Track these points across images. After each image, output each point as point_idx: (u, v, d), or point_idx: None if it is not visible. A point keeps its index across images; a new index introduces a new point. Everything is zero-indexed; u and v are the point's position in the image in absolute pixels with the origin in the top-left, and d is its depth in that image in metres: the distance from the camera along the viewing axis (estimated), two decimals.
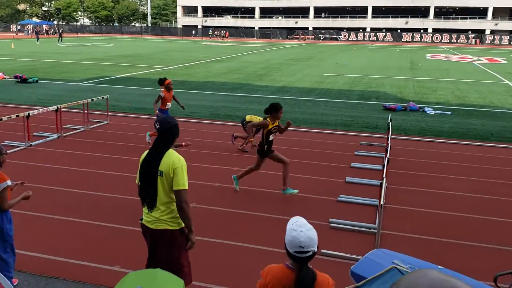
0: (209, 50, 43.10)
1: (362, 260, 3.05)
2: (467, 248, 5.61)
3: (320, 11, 79.01)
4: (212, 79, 21.59)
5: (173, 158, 3.64)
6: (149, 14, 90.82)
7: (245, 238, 5.65)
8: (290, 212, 6.00)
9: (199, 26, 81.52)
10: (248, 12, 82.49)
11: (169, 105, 9.53)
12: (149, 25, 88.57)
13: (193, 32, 77.51)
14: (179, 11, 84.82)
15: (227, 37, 72.12)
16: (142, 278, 2.38)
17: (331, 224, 6.09)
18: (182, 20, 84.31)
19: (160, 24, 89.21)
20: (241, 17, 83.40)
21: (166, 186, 3.64)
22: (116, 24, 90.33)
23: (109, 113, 12.18)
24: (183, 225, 3.74)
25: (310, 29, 77.39)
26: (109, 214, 6.26)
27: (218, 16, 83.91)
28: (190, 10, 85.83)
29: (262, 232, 5.82)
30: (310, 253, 2.52)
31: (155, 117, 9.18)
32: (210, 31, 74.78)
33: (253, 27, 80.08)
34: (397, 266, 2.76)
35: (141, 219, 3.84)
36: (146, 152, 3.82)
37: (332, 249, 5.39)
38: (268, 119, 6.93)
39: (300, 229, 2.52)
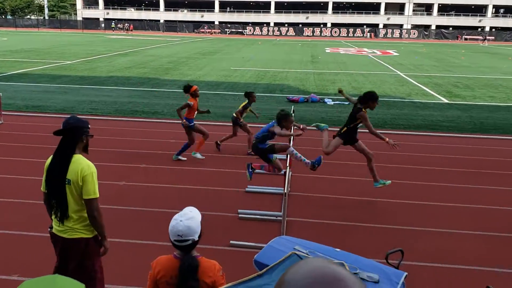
0: (112, 44, 41.45)
1: (265, 248, 3.17)
2: (364, 229, 6.05)
3: (225, 5, 79.40)
4: (116, 74, 20.86)
5: (82, 165, 3.44)
6: (45, 6, 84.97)
7: (153, 236, 5.61)
8: (200, 207, 6.05)
9: (101, 19, 78.02)
10: (152, 4, 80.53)
11: (196, 113, 8.74)
12: (47, 17, 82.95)
13: (103, 25, 73.89)
14: (79, 3, 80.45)
15: (132, 30, 69.90)
16: (40, 286, 2.30)
17: (240, 215, 6.24)
18: (82, 13, 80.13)
19: (59, 17, 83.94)
20: (145, 9, 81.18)
21: (76, 194, 3.46)
22: (9, 17, 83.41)
23: (3, 112, 11.31)
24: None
25: (216, 23, 77.48)
26: (3, 220, 5.86)
27: (121, 9, 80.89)
28: (91, 2, 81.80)
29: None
30: (189, 242, 2.62)
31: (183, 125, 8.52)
32: (113, 23, 71.94)
33: (158, 20, 78.37)
34: (297, 252, 2.91)
35: (51, 228, 3.64)
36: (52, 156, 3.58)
37: (241, 239, 5.54)
38: (363, 109, 6.70)
39: (180, 219, 2.62)
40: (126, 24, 70.83)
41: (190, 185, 7.39)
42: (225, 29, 74.55)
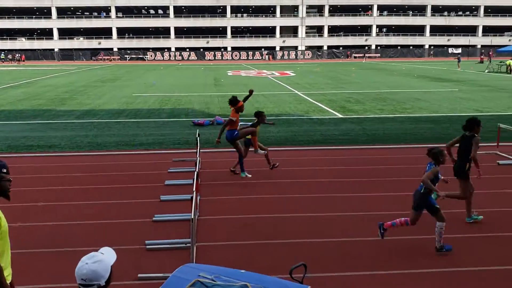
0: (2, 76, 38.74)
1: (169, 279, 3.14)
2: (272, 245, 6.21)
3: (123, 32, 77.92)
4: (7, 108, 19.53)
5: None
6: None
7: (61, 279, 5.31)
8: (105, 241, 5.85)
9: None
10: (45, 33, 76.73)
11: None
12: None
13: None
14: None
15: (23, 61, 66.00)
16: None
17: (147, 246, 6.12)
18: None
19: None
20: (38, 39, 77.18)
21: None
22: None
23: None
24: None
25: (115, 49, 75.70)
26: None
27: (11, 39, 76.10)
28: None
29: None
30: (95, 287, 2.49)
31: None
32: (2, 54, 67.45)
33: (53, 49, 74.80)
34: (200, 279, 2.94)
35: None
36: None
37: (150, 271, 5.42)
38: (476, 135, 6.58)
39: (86, 261, 2.47)
40: (17, 55, 66.79)
41: (93, 220, 7.11)
42: (125, 55, 73.09)
